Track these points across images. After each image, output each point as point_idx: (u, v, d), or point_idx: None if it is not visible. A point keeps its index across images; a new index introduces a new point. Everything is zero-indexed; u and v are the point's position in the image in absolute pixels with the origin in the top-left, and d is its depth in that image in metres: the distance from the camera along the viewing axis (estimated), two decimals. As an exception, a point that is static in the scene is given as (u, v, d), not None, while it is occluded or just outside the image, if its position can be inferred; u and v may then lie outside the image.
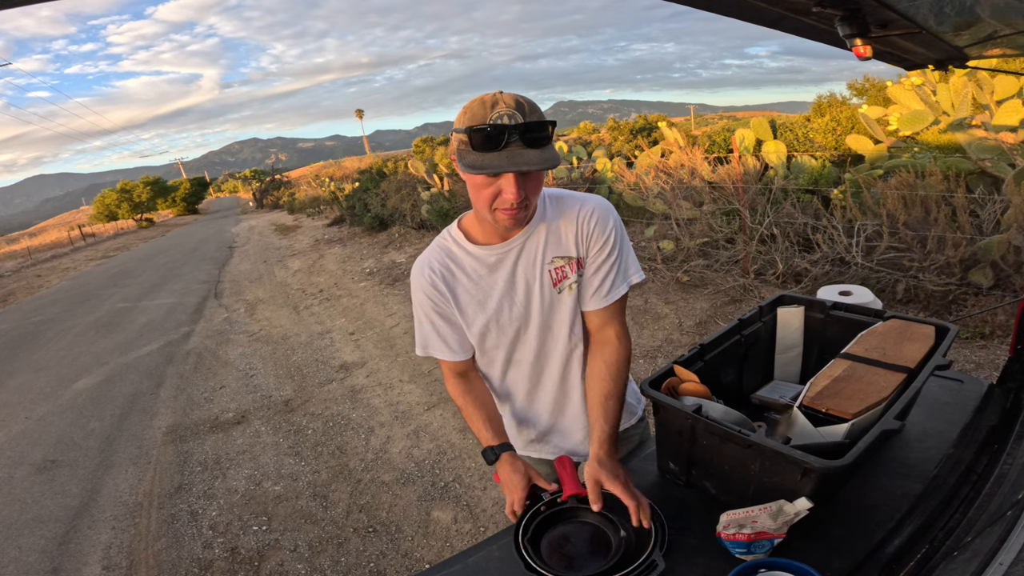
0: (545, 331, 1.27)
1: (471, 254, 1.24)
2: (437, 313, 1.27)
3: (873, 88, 9.34)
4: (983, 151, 4.27)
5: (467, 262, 1.25)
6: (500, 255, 1.23)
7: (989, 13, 1.04)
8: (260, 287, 9.02)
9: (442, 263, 1.25)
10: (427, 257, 1.27)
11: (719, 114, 76.98)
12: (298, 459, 3.47)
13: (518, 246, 1.23)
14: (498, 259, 1.23)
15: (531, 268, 1.23)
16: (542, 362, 1.31)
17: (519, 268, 1.24)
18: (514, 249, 1.23)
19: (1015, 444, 1.11)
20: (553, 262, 1.23)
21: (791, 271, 4.74)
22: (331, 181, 22.38)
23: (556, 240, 1.23)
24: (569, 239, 1.23)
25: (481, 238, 1.24)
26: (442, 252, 1.26)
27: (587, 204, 1.23)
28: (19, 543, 3.01)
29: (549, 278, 1.23)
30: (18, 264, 20.51)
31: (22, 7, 0.52)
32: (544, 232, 1.23)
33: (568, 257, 1.23)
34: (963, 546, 0.88)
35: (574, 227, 1.22)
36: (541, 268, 1.23)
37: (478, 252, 1.23)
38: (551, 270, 1.23)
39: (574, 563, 1.03)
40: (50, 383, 5.69)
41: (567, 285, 1.24)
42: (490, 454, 1.24)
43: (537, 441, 1.42)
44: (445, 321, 1.27)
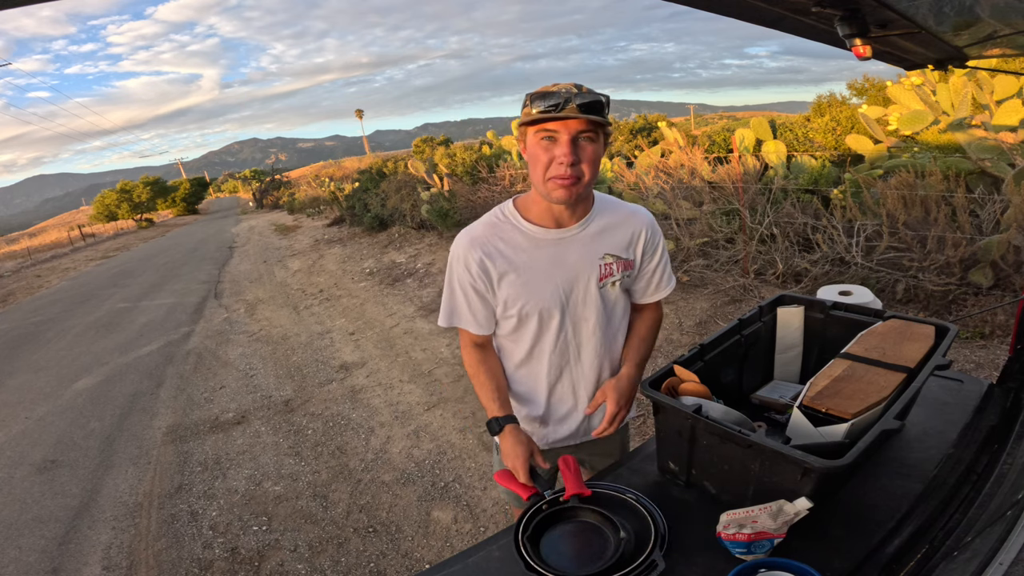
0: (581, 321, 1.32)
1: (523, 232, 1.27)
2: (473, 288, 1.29)
3: (873, 88, 9.34)
4: (983, 151, 4.26)
5: (518, 239, 1.28)
6: (555, 238, 1.27)
7: (989, 13, 1.04)
8: (260, 287, 9.02)
9: (489, 239, 1.28)
10: (475, 231, 1.30)
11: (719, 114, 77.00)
12: (298, 459, 3.47)
13: (574, 234, 1.28)
14: (552, 241, 1.27)
15: (583, 258, 1.28)
16: (569, 352, 1.34)
17: (571, 255, 1.27)
18: (569, 237, 1.27)
19: (1015, 444, 1.11)
20: (604, 258, 1.29)
21: (791, 271, 4.74)
22: (331, 181, 22.38)
23: (610, 238, 1.30)
24: (623, 241, 1.31)
25: (536, 218, 1.27)
26: (491, 228, 1.29)
27: (643, 215, 1.34)
28: (19, 543, 3.01)
29: (598, 272, 1.28)
30: (18, 264, 20.51)
31: (22, 7, 0.52)
32: (599, 227, 1.29)
33: (618, 257, 1.30)
34: (963, 546, 0.88)
35: (631, 232, 1.32)
36: (592, 261, 1.28)
37: (532, 230, 1.27)
38: (601, 265, 1.29)
39: (574, 563, 1.03)
40: (50, 383, 5.69)
41: (611, 282, 1.31)
42: (495, 425, 1.29)
43: (541, 425, 1.44)
44: (479, 297, 1.31)
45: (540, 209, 1.27)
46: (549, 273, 1.27)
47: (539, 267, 1.27)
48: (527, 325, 1.31)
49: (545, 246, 1.27)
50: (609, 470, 1.32)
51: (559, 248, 1.27)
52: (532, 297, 1.27)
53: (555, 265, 1.27)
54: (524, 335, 1.33)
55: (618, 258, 1.30)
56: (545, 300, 1.28)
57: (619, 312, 1.38)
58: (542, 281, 1.27)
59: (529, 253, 1.27)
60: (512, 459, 1.23)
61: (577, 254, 1.28)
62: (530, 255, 1.27)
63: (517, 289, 1.27)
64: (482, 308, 1.32)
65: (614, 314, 1.36)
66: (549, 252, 1.27)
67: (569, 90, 1.11)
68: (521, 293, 1.27)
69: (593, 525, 1.11)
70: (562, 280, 1.28)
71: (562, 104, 1.10)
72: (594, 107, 1.11)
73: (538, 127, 1.14)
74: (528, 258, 1.27)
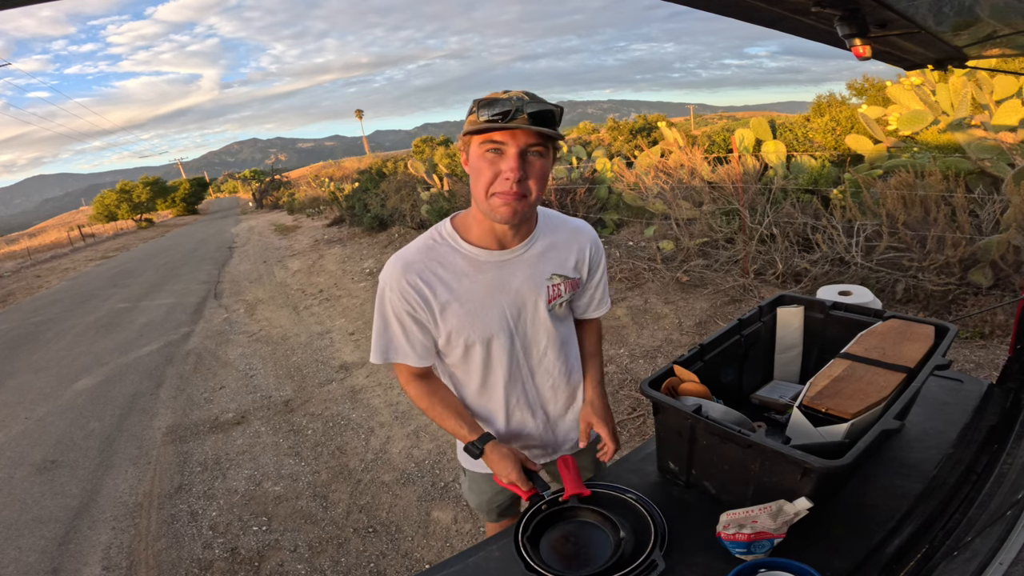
0: (532, 346, 1.27)
1: (464, 254, 1.18)
2: (411, 317, 1.19)
3: (872, 88, 9.34)
4: (982, 151, 4.27)
5: (458, 263, 1.18)
6: (498, 260, 1.19)
7: (988, 13, 1.04)
8: (260, 287, 9.02)
9: (426, 264, 1.18)
10: (408, 255, 1.19)
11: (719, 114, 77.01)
12: (298, 459, 3.47)
13: (518, 255, 1.20)
14: (495, 264, 1.19)
15: (530, 281, 1.21)
16: (522, 375, 1.30)
17: (516, 278, 1.20)
18: (514, 259, 1.20)
19: (1015, 444, 1.11)
20: (552, 279, 1.23)
21: (791, 271, 4.75)
22: (331, 181, 22.39)
23: (557, 257, 1.23)
24: (571, 260, 1.25)
25: (477, 239, 1.18)
26: (428, 252, 1.19)
27: (587, 231, 1.29)
28: (19, 543, 3.01)
29: (546, 294, 1.22)
30: (18, 264, 20.50)
31: (22, 7, 0.52)
32: (544, 246, 1.22)
33: (566, 277, 1.24)
34: (963, 546, 0.88)
35: (577, 250, 1.26)
36: (539, 283, 1.21)
37: (473, 252, 1.18)
38: (549, 286, 1.22)
39: (574, 563, 1.03)
40: (50, 383, 5.69)
41: (559, 303, 1.25)
42: (474, 449, 1.22)
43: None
44: (418, 325, 1.20)
45: (481, 229, 1.17)
46: (494, 299, 1.19)
47: (483, 293, 1.18)
48: (474, 355, 1.23)
49: (488, 270, 1.18)
50: (607, 471, 1.32)
51: (503, 271, 1.19)
52: (477, 326, 1.19)
53: (500, 290, 1.19)
54: (473, 365, 1.26)
55: (566, 278, 1.24)
56: (491, 328, 1.20)
57: (568, 327, 1.35)
58: (487, 308, 1.19)
59: (471, 278, 1.18)
60: (506, 473, 1.18)
61: (522, 277, 1.20)
62: (472, 280, 1.18)
63: (461, 319, 1.18)
64: (421, 338, 1.21)
65: (564, 331, 1.32)
66: (492, 276, 1.18)
67: (520, 98, 1.01)
68: (465, 323, 1.18)
69: (593, 525, 1.11)
70: (508, 305, 1.20)
71: (512, 113, 1.00)
72: (546, 118, 1.03)
73: (484, 137, 1.04)
74: (471, 284, 1.18)
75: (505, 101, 1.01)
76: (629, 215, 7.41)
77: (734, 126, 9.89)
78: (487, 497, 1.49)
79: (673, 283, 5.33)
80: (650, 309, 4.93)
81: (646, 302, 5.08)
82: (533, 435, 1.37)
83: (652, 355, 4.11)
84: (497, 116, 1.00)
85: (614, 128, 17.26)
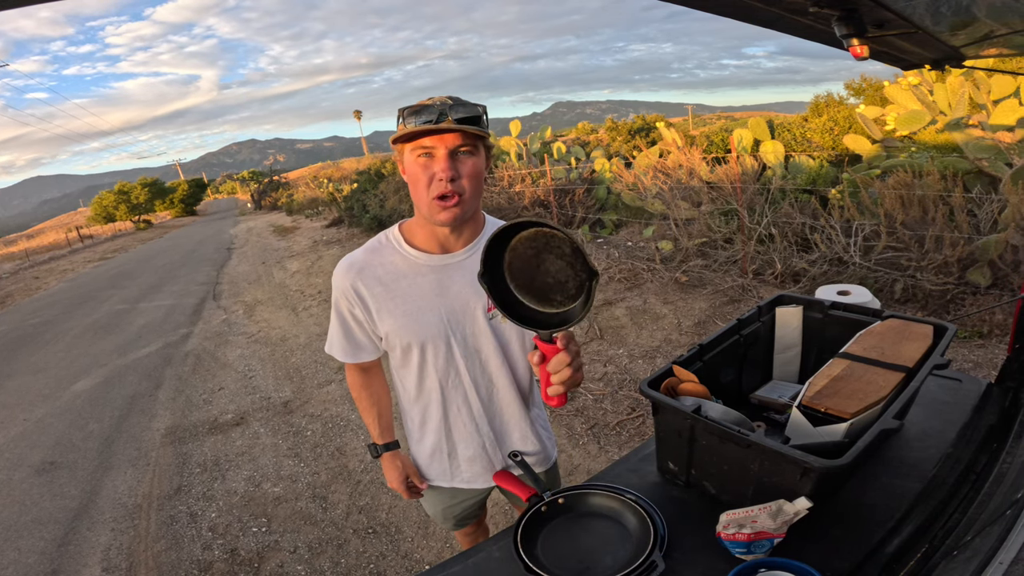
0: (473, 355, 1.25)
1: (405, 256, 1.21)
2: (350, 314, 1.24)
3: (870, 88, 9.36)
4: (980, 150, 4.28)
5: (398, 265, 1.21)
6: (438, 264, 1.20)
7: (985, 13, 1.04)
8: (259, 288, 9.01)
9: (368, 265, 1.22)
10: (354, 256, 1.24)
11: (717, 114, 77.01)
12: (297, 460, 3.47)
13: (459, 260, 1.21)
14: (435, 268, 1.20)
15: (469, 287, 1.20)
16: (464, 386, 1.28)
17: (455, 283, 1.20)
18: (454, 263, 1.21)
19: (1014, 443, 1.12)
20: None
21: (789, 271, 4.75)
22: (329, 182, 22.39)
23: None
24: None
25: (421, 243, 1.21)
26: (372, 254, 1.23)
27: None
28: (18, 545, 3.01)
29: (485, 302, 1.21)
30: (16, 266, 20.47)
31: (21, 8, 0.52)
32: None
33: None
34: (963, 545, 0.89)
35: None
36: (478, 289, 1.17)
37: (413, 255, 1.21)
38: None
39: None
40: (49, 385, 5.68)
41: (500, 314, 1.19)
42: (373, 450, 1.38)
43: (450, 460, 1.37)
44: (356, 323, 1.26)
45: (425, 233, 1.20)
46: (431, 303, 1.20)
47: (420, 296, 1.19)
48: (410, 358, 1.24)
49: (427, 273, 1.20)
50: (605, 472, 1.32)
51: (442, 275, 1.20)
52: (413, 328, 1.20)
53: (438, 294, 1.20)
54: (410, 368, 1.27)
55: None
56: (428, 332, 1.20)
57: (514, 349, 1.29)
58: (424, 311, 1.20)
59: (410, 280, 1.20)
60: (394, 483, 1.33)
61: (462, 282, 1.20)
62: (411, 282, 1.20)
63: (397, 319, 1.20)
64: (359, 336, 1.27)
65: (509, 350, 1.28)
66: (431, 280, 1.20)
67: (444, 103, 1.06)
68: (401, 324, 1.20)
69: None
70: (446, 310, 1.20)
71: (437, 118, 1.05)
72: (471, 119, 1.07)
73: (414, 144, 1.09)
74: (408, 286, 1.20)
75: (430, 108, 1.06)
76: (628, 215, 7.42)
77: (732, 126, 9.90)
78: (441, 508, 1.49)
79: (672, 283, 5.33)
80: (649, 309, 4.93)
81: (645, 302, 5.08)
82: (475, 449, 1.34)
83: (651, 355, 4.11)
84: (426, 122, 1.05)
85: (613, 128, 17.28)
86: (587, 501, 1.14)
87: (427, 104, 1.07)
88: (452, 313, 1.21)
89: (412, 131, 1.06)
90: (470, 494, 1.45)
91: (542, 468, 1.42)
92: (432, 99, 1.09)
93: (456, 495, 1.45)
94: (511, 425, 1.36)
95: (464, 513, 1.52)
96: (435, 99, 1.08)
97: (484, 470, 1.37)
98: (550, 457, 1.45)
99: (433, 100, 1.08)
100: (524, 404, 1.36)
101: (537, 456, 1.40)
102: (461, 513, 1.51)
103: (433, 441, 1.36)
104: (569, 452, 3.12)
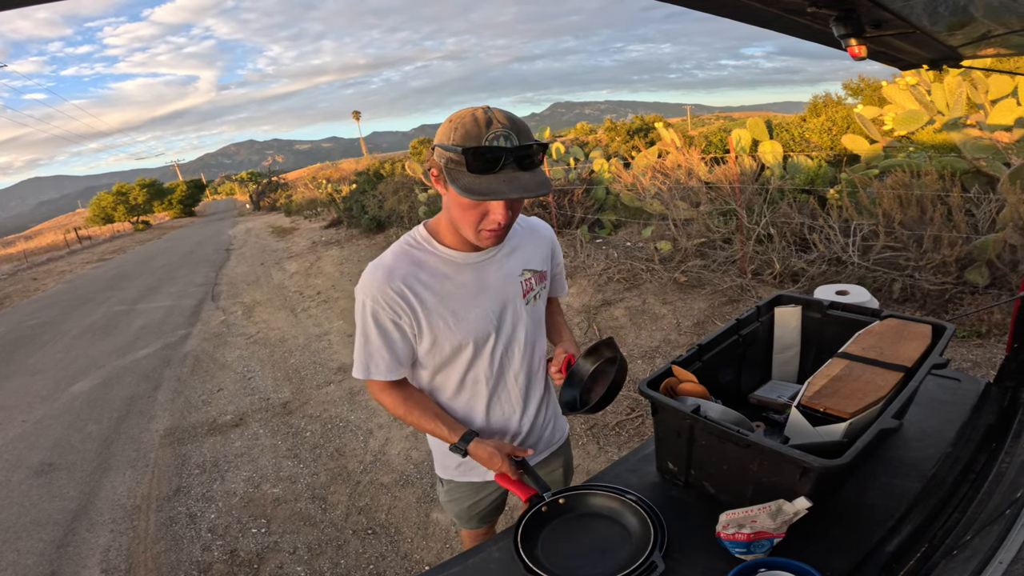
0: (513, 342, 1.29)
1: (442, 257, 1.20)
2: (393, 324, 1.17)
3: (868, 88, 9.38)
4: (978, 150, 4.28)
5: (438, 265, 1.19)
6: (475, 261, 1.22)
7: (983, 13, 1.04)
8: (257, 289, 9.00)
9: (407, 269, 1.17)
10: (387, 261, 1.18)
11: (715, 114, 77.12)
12: (297, 461, 3.47)
13: (491, 255, 1.24)
14: (472, 265, 1.22)
15: (505, 278, 1.25)
16: (504, 371, 1.30)
17: (492, 277, 1.24)
18: (491, 259, 1.24)
19: (1013, 442, 1.12)
20: (523, 274, 1.28)
21: (788, 271, 4.75)
22: (328, 183, 22.36)
23: (524, 254, 1.29)
24: (537, 254, 1.32)
25: (451, 243, 1.21)
26: (406, 257, 1.19)
27: (545, 226, 1.38)
28: (17, 546, 3.00)
29: (520, 289, 1.27)
30: (14, 267, 20.43)
31: (19, 8, 0.52)
32: (511, 246, 1.28)
33: (535, 271, 1.30)
34: (962, 545, 0.89)
35: (541, 245, 1.33)
36: (513, 279, 1.26)
37: (450, 255, 1.20)
38: (522, 281, 1.28)
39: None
40: (47, 386, 5.67)
41: (533, 296, 1.30)
42: (459, 450, 1.22)
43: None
44: (399, 332, 1.19)
45: (452, 234, 1.19)
46: (476, 299, 1.21)
47: (465, 293, 1.20)
48: (460, 356, 1.24)
49: (466, 271, 1.21)
50: (605, 472, 1.32)
51: (480, 271, 1.22)
52: (464, 328, 1.20)
53: (480, 290, 1.22)
54: (456, 366, 1.25)
55: (535, 272, 1.31)
56: (477, 329, 1.22)
57: (541, 324, 1.38)
58: (470, 307, 1.21)
59: (452, 280, 1.19)
60: (496, 465, 1.20)
61: (498, 275, 1.24)
62: (453, 282, 1.19)
63: (447, 319, 1.19)
64: (403, 347, 1.20)
65: (539, 328, 1.36)
66: (471, 277, 1.21)
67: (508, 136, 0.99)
68: (452, 325, 1.19)
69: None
70: (490, 304, 1.23)
71: (501, 165, 1.00)
72: (534, 161, 1.03)
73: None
74: (452, 285, 1.19)
75: (493, 150, 0.98)
76: (627, 216, 7.42)
77: (731, 126, 9.91)
78: (467, 505, 1.49)
79: (671, 283, 5.34)
80: (648, 310, 4.93)
81: (644, 303, 5.08)
82: (515, 432, 1.38)
83: (650, 355, 4.11)
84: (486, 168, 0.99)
85: (611, 129, 17.30)
86: (587, 501, 1.14)
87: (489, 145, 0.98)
88: (495, 305, 1.24)
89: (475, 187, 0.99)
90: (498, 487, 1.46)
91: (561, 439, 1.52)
92: (490, 117, 1.01)
93: (485, 488, 1.46)
94: (539, 406, 1.41)
95: (489, 508, 1.52)
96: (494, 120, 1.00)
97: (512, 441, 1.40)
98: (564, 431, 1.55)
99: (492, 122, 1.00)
100: (546, 381, 1.43)
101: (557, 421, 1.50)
102: (487, 507, 1.51)
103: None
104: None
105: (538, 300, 1.32)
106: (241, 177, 56.82)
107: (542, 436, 1.44)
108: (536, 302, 1.31)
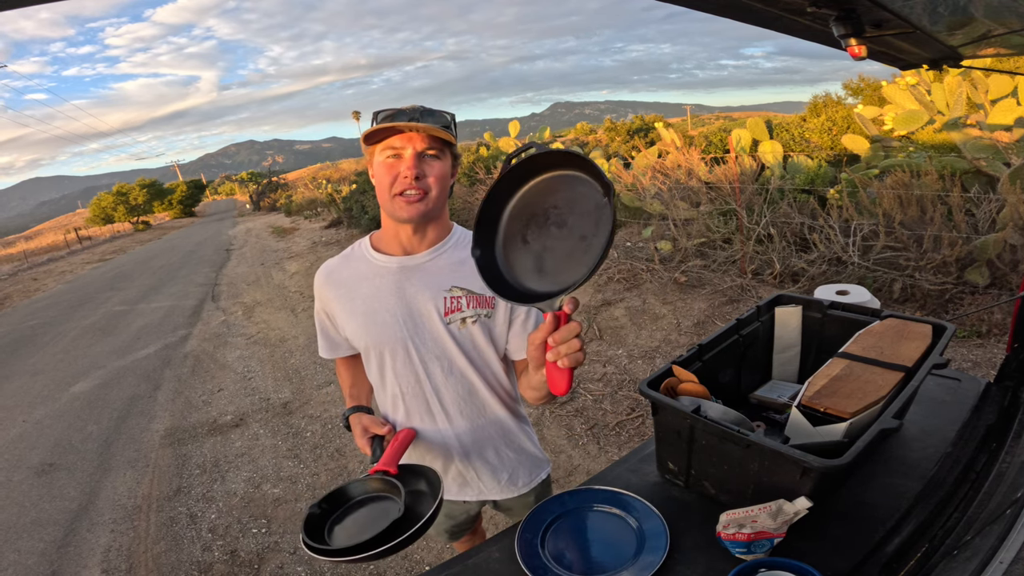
0: (431, 362, 1.21)
1: (369, 260, 1.24)
2: (324, 312, 1.32)
3: (868, 88, 9.38)
4: (978, 150, 4.28)
5: (363, 269, 1.24)
6: (398, 266, 1.20)
7: (983, 13, 1.04)
8: (257, 290, 9.00)
9: (337, 270, 1.29)
10: (329, 262, 1.33)
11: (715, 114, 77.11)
12: (297, 461, 3.47)
13: (419, 262, 1.20)
14: (395, 270, 1.20)
15: (426, 289, 1.18)
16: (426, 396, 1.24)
17: (412, 285, 1.19)
18: (413, 265, 1.20)
19: (1013, 442, 1.12)
20: (452, 290, 1.18)
21: (788, 271, 4.76)
22: (328, 183, 22.35)
23: (462, 272, 1.19)
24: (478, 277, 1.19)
25: (386, 248, 1.23)
26: (343, 260, 1.29)
27: None
28: (18, 546, 3.00)
29: (443, 305, 1.18)
30: (14, 267, 20.44)
31: (21, 8, 0.52)
32: (456, 259, 1.20)
33: (469, 291, 1.18)
34: (963, 545, 0.89)
35: None
36: (436, 292, 1.18)
37: (376, 258, 1.23)
38: (447, 297, 1.18)
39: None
40: (47, 386, 5.67)
41: (460, 318, 1.18)
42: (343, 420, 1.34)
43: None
44: (331, 323, 1.32)
45: (389, 237, 1.21)
46: (388, 304, 1.19)
47: (377, 298, 1.19)
48: (371, 361, 1.27)
49: (387, 275, 1.19)
50: (605, 472, 1.32)
51: (401, 277, 1.19)
52: (370, 330, 1.20)
53: (394, 295, 1.18)
54: (371, 364, 1.28)
55: (469, 292, 1.17)
56: (384, 335, 1.19)
57: (483, 358, 1.23)
58: (379, 312, 1.19)
59: (371, 282, 1.21)
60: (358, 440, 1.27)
61: (419, 284, 1.18)
62: (372, 285, 1.20)
63: (356, 321, 1.22)
64: (335, 335, 1.34)
65: (476, 358, 1.22)
66: (390, 281, 1.19)
67: (415, 108, 1.12)
68: (360, 326, 1.22)
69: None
70: (402, 313, 1.18)
71: (404, 115, 1.11)
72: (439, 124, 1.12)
73: (384, 145, 1.12)
74: (369, 288, 1.20)
75: (401, 112, 1.11)
76: (627, 216, 7.42)
77: (731, 126, 9.91)
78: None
79: (671, 283, 5.34)
80: (648, 310, 4.93)
81: (644, 303, 5.08)
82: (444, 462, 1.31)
83: (650, 355, 4.11)
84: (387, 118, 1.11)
85: (611, 129, 17.30)
86: (396, 479, 1.11)
87: (398, 110, 1.12)
88: (408, 316, 1.18)
89: (381, 127, 1.09)
90: (454, 507, 1.42)
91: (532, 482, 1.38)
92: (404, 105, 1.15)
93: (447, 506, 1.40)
94: (491, 433, 1.30)
95: (454, 529, 1.49)
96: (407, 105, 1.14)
97: (458, 485, 1.34)
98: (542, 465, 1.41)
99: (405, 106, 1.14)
100: (509, 410, 1.31)
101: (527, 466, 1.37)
102: (450, 528, 1.48)
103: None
104: (569, 453, 3.12)
105: (470, 325, 1.18)
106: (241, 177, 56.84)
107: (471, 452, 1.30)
108: (466, 326, 1.18)
